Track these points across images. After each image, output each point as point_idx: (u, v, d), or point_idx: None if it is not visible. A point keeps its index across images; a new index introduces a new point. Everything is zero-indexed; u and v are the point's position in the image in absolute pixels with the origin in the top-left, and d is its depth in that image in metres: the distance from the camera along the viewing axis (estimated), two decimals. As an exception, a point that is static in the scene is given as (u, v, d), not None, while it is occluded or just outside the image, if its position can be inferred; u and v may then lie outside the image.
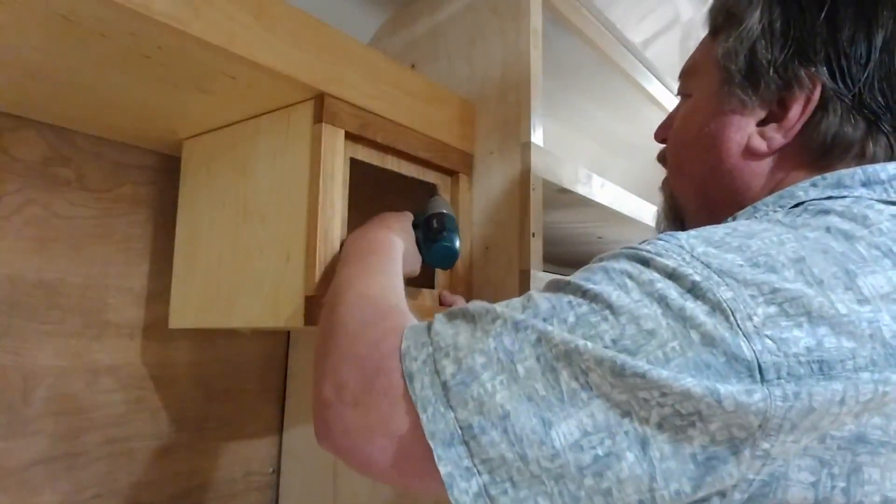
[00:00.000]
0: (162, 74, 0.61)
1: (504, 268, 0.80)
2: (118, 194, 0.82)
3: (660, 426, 0.34)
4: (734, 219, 0.47)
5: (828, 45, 0.45)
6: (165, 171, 0.86)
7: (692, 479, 0.34)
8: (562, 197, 0.91)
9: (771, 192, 0.47)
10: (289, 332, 1.02)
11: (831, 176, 0.44)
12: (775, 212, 0.45)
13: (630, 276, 0.38)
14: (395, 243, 0.62)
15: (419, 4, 0.98)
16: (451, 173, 0.83)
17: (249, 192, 0.71)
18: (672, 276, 0.37)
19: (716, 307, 0.35)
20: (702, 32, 0.56)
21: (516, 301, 0.41)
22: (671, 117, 0.59)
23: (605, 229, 1.20)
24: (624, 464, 0.34)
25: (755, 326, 0.34)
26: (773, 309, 0.34)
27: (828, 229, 0.39)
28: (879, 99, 0.44)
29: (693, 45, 0.58)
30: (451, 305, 0.76)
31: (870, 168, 0.44)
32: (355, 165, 0.69)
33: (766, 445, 0.33)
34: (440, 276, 0.80)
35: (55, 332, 0.75)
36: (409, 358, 0.40)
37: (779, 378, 0.33)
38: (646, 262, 0.38)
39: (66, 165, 0.77)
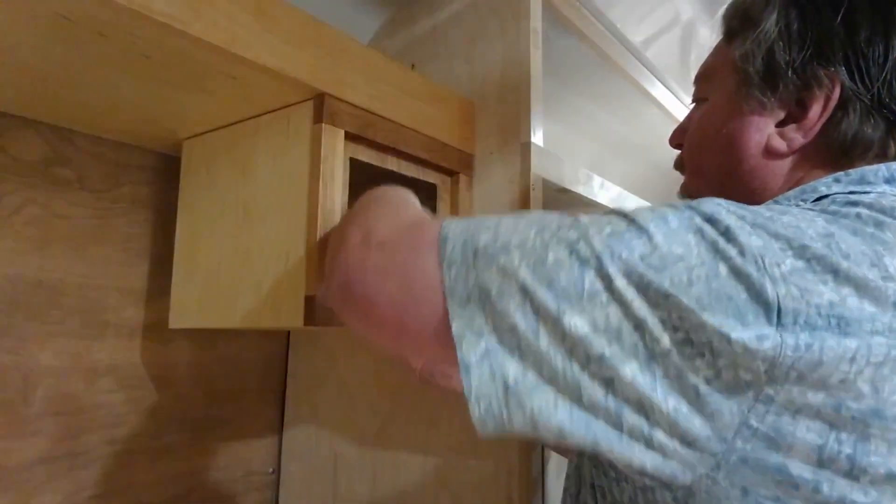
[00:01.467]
0: (162, 74, 0.61)
1: (504, 268, 0.80)
2: (118, 194, 0.82)
3: (668, 350, 0.35)
4: None
5: (845, 46, 0.46)
6: (165, 171, 0.86)
7: (691, 404, 0.35)
8: (562, 197, 0.91)
9: (790, 189, 0.48)
10: (289, 332, 1.02)
11: (854, 172, 0.45)
12: (798, 204, 0.45)
13: (671, 213, 0.39)
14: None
15: (419, 4, 0.98)
16: (451, 173, 0.83)
17: (249, 192, 0.71)
18: (709, 219, 0.38)
19: (746, 250, 0.35)
20: (702, 32, 0.57)
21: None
22: (686, 122, 0.59)
23: (605, 229, 1.19)
24: (627, 368, 0.35)
25: (782, 274, 0.35)
26: (801, 263, 0.35)
27: (858, 216, 0.39)
28: None
29: (693, 45, 0.58)
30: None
31: (894, 165, 0.44)
32: (355, 165, 0.69)
33: (770, 391, 0.34)
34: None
35: (55, 332, 0.75)
36: (446, 227, 0.42)
37: (795, 323, 0.34)
38: (687, 206, 0.40)
39: (66, 165, 0.77)
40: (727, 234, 0.36)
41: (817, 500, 0.35)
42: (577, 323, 0.36)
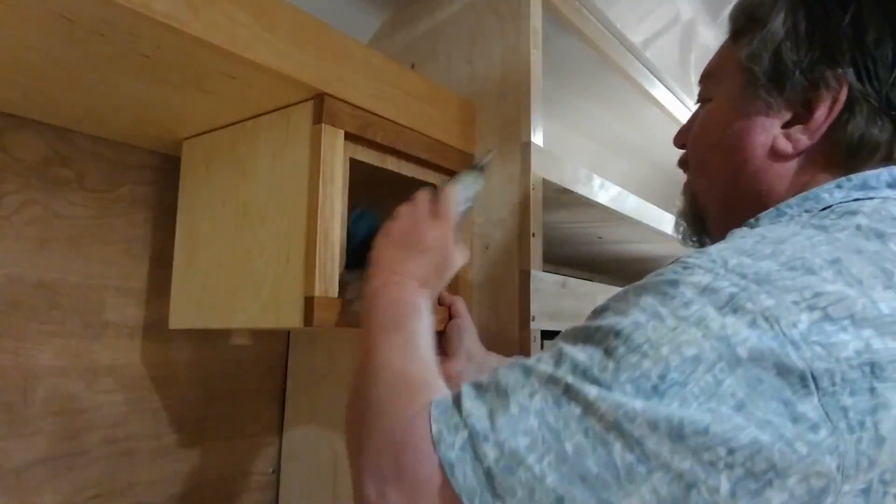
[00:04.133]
0: (162, 74, 0.61)
1: (504, 268, 0.80)
2: (118, 194, 0.82)
3: (733, 494, 0.32)
4: (757, 220, 0.47)
5: (853, 47, 0.45)
6: (165, 171, 0.86)
7: None
8: (562, 197, 0.91)
9: (796, 193, 0.47)
10: (289, 332, 1.03)
11: (857, 177, 0.44)
12: (800, 215, 0.44)
13: (662, 304, 0.36)
14: (422, 303, 0.56)
15: (419, 4, 0.98)
16: (451, 173, 0.83)
17: (249, 192, 0.71)
18: (706, 291, 0.35)
19: (757, 317, 0.33)
20: (702, 32, 0.56)
21: (548, 359, 0.38)
22: (690, 122, 0.58)
23: (605, 229, 1.20)
24: None
25: (801, 333, 0.33)
26: (816, 314, 0.33)
27: (858, 228, 0.39)
28: None
29: (693, 45, 0.58)
30: (449, 305, 0.77)
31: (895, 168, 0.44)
32: (355, 165, 0.69)
33: (846, 488, 0.32)
34: (440, 276, 0.80)
35: (55, 332, 0.75)
36: (444, 445, 0.37)
37: (833, 385, 0.32)
38: (674, 284, 0.37)
39: (66, 165, 0.77)
40: (732, 303, 0.34)
41: None
42: None
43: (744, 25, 0.52)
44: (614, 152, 1.53)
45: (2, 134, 0.72)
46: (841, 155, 0.46)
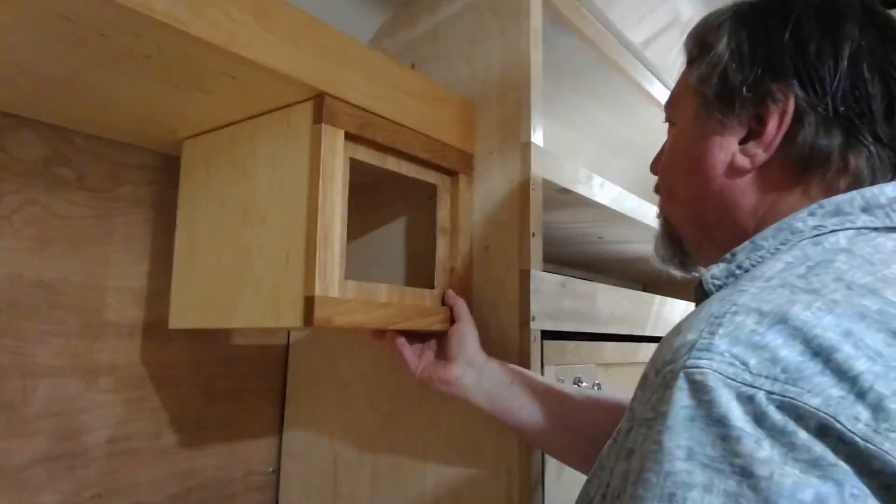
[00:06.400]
0: (162, 74, 0.61)
1: (504, 268, 0.80)
2: (118, 194, 0.82)
3: None
4: (733, 255, 0.46)
5: (796, 59, 0.46)
6: (165, 171, 0.86)
7: None
8: (562, 197, 0.91)
9: (765, 214, 0.48)
10: (289, 332, 1.03)
11: (829, 203, 0.44)
12: (777, 250, 0.44)
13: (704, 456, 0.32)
14: None
15: (419, 4, 0.98)
16: (451, 173, 0.83)
17: (249, 192, 0.71)
18: (720, 422, 0.32)
19: (818, 428, 0.30)
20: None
21: None
22: (661, 149, 0.60)
23: (605, 229, 1.20)
24: None
25: (872, 429, 0.30)
26: (873, 396, 0.31)
27: (849, 287, 0.35)
28: (853, 107, 0.45)
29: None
30: (451, 305, 0.77)
31: (868, 192, 0.43)
32: (355, 165, 0.69)
33: None
34: (440, 275, 0.80)
35: (55, 332, 0.75)
36: None
37: None
38: (714, 421, 0.32)
39: (66, 165, 0.77)
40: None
41: None
42: None
43: (695, 51, 0.54)
44: (614, 152, 1.53)
45: (2, 134, 0.72)
46: (796, 166, 0.47)
